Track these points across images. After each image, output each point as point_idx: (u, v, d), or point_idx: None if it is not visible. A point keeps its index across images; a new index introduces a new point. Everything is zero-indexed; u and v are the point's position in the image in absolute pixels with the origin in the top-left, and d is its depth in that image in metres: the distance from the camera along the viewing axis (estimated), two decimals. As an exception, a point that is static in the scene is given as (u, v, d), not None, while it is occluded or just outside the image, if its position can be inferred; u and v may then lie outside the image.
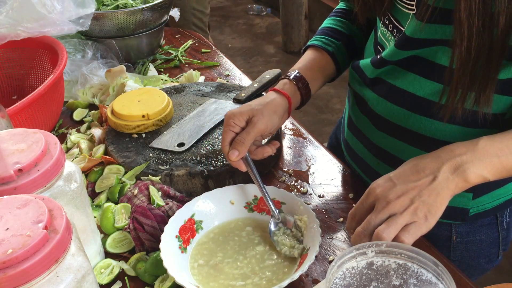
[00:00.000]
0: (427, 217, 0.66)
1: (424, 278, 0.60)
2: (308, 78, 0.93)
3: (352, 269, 0.62)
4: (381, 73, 0.85)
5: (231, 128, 0.83)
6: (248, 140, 0.82)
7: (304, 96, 0.93)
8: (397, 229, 0.66)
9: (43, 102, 1.02)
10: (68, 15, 1.14)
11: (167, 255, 0.73)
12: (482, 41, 0.67)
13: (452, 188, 0.68)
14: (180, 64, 1.43)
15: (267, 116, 0.84)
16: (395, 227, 0.65)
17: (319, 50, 0.98)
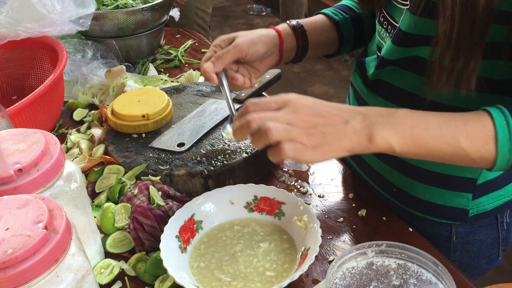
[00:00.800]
0: (316, 149, 0.65)
1: (424, 278, 0.60)
2: (307, 30, 0.95)
3: (352, 269, 0.62)
4: (381, 74, 0.85)
5: (215, 48, 0.87)
6: (226, 56, 0.85)
7: (300, 43, 0.94)
8: (285, 135, 0.64)
9: (43, 102, 1.02)
10: (68, 15, 1.14)
11: (167, 255, 0.73)
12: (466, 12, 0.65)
13: (354, 141, 0.66)
14: (180, 64, 1.43)
15: (250, 39, 0.87)
16: (285, 131, 0.64)
17: (326, 16, 1.00)
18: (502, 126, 0.65)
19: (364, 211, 0.87)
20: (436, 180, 0.84)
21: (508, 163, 0.66)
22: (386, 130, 0.66)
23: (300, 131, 0.65)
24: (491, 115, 0.66)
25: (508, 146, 0.65)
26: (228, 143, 0.94)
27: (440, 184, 0.84)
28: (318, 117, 0.66)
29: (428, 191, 0.86)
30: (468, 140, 0.65)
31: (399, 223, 0.85)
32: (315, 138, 0.65)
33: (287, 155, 0.64)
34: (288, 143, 0.64)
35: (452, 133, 0.66)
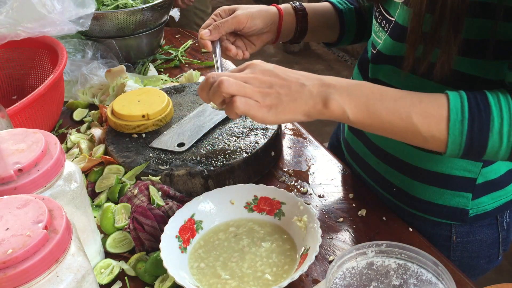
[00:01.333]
0: (270, 108, 0.67)
1: (424, 278, 0.60)
2: (309, 13, 0.96)
3: (352, 269, 0.62)
4: (378, 73, 0.85)
5: (215, 17, 0.90)
6: (223, 26, 0.88)
7: (299, 25, 0.96)
8: (238, 89, 0.67)
9: (43, 102, 1.02)
10: (68, 15, 1.14)
11: (167, 255, 0.73)
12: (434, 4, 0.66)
13: (309, 104, 0.67)
14: (180, 64, 1.43)
15: (249, 13, 0.90)
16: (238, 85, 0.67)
17: (331, 3, 1.02)
18: (456, 107, 0.65)
19: (364, 211, 0.87)
20: (436, 180, 0.84)
21: (460, 147, 0.66)
22: (342, 97, 0.67)
23: (254, 89, 0.67)
24: (448, 97, 0.66)
25: (459, 128, 0.65)
26: (228, 143, 0.94)
27: (439, 183, 0.84)
28: (275, 78, 0.68)
29: (427, 191, 0.86)
30: (421, 117, 0.66)
31: (399, 223, 0.85)
32: (269, 98, 0.67)
33: (239, 109, 0.67)
34: (241, 98, 0.67)
35: (405, 108, 0.66)
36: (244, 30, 0.91)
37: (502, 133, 0.65)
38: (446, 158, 0.82)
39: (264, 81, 0.68)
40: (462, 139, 0.66)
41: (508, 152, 0.66)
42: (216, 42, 0.89)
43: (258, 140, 0.95)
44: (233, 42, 0.94)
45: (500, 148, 0.66)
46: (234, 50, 0.92)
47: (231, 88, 0.67)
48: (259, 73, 0.69)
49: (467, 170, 0.82)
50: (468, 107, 0.65)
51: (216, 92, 0.68)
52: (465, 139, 0.65)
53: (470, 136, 0.65)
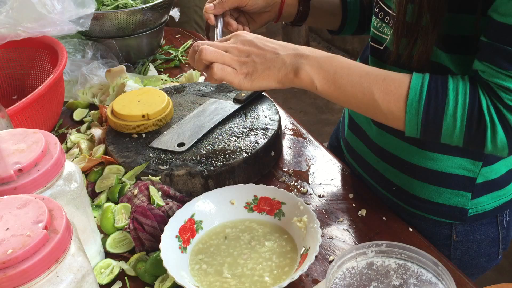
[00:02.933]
0: (246, 75, 0.74)
1: (424, 278, 0.60)
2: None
3: (352, 269, 0.62)
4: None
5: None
6: (227, 2, 0.94)
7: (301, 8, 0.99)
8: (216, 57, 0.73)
9: (43, 102, 1.02)
10: (68, 15, 1.14)
11: (167, 255, 0.73)
12: None
13: (282, 72, 0.73)
14: (180, 64, 1.43)
15: None
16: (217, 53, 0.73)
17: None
18: (415, 87, 0.68)
19: (364, 211, 0.87)
20: (435, 179, 0.84)
21: (417, 127, 0.69)
22: (312, 68, 0.72)
23: (233, 57, 0.74)
24: (411, 77, 0.69)
25: (415, 108, 0.68)
26: (228, 143, 0.94)
27: (439, 182, 0.84)
28: (253, 48, 0.74)
29: (427, 190, 0.86)
30: (382, 93, 0.70)
31: (399, 223, 0.85)
32: (245, 66, 0.74)
33: (216, 75, 0.73)
34: (218, 65, 0.73)
35: (369, 83, 0.70)
36: (246, 7, 0.96)
37: (456, 116, 0.67)
38: (446, 157, 0.82)
39: (243, 50, 0.74)
40: (418, 119, 0.68)
41: (462, 137, 0.68)
42: (219, 17, 0.95)
43: (258, 140, 0.95)
44: (237, 18, 0.99)
45: (453, 131, 0.68)
46: (235, 25, 0.96)
47: (209, 55, 0.73)
48: (239, 43, 0.75)
49: (467, 169, 0.82)
50: (427, 88, 0.68)
51: (198, 59, 0.75)
52: (421, 119, 0.68)
53: (425, 117, 0.68)
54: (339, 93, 0.72)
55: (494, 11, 0.64)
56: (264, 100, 1.08)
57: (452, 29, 0.71)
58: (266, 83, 0.74)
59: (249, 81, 0.73)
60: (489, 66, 0.66)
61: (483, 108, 0.66)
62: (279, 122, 1.00)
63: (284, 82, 0.73)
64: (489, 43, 0.66)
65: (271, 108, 1.05)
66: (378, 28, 0.85)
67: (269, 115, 1.02)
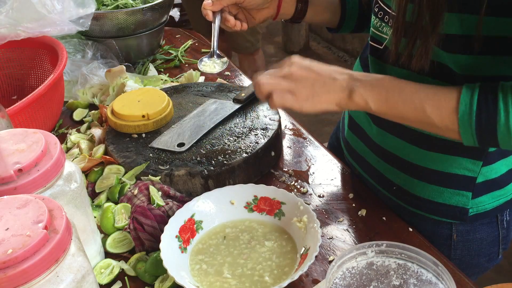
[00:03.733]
0: (307, 99, 0.76)
1: (424, 278, 0.60)
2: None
3: (352, 269, 0.62)
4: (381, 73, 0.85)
5: None
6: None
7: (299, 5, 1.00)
8: (274, 87, 0.76)
9: (43, 102, 1.02)
10: (68, 15, 1.14)
11: (167, 255, 0.73)
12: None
13: (338, 96, 0.75)
14: (180, 64, 1.43)
15: None
16: (273, 84, 0.76)
17: None
18: (465, 100, 0.69)
19: (364, 211, 0.87)
20: (436, 178, 0.84)
21: (473, 138, 0.70)
22: (366, 89, 0.74)
23: (291, 83, 0.76)
24: (461, 89, 0.70)
25: (467, 120, 0.69)
26: (228, 143, 0.94)
27: (439, 182, 0.84)
28: (311, 73, 0.76)
29: (427, 189, 0.86)
30: (434, 109, 0.71)
31: (399, 223, 0.85)
32: (305, 90, 0.76)
33: (276, 103, 0.76)
34: (277, 93, 0.76)
35: (420, 100, 0.72)
36: (244, 3, 0.96)
37: (509, 125, 0.67)
38: (446, 157, 0.82)
39: (301, 75, 0.76)
40: (472, 131, 0.69)
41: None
42: (217, 13, 0.95)
43: (258, 140, 0.95)
44: (235, 14, 0.99)
45: (510, 139, 0.68)
46: (232, 21, 0.97)
47: (267, 87, 0.77)
48: (296, 69, 0.77)
49: (467, 169, 0.82)
50: (477, 100, 0.68)
51: (258, 92, 0.79)
52: (475, 130, 0.69)
53: (479, 128, 0.68)
54: (393, 111, 0.74)
55: None
56: (264, 100, 1.08)
57: (453, 28, 0.71)
58: (326, 106, 0.76)
59: (310, 104, 0.75)
60: None
61: None
62: (279, 122, 1.01)
63: (341, 105, 0.75)
64: None
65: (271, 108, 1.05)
66: (377, 28, 0.85)
67: (269, 115, 1.02)
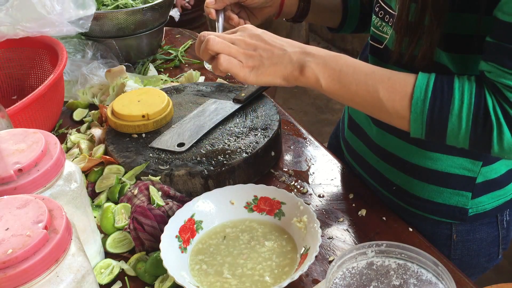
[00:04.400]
0: (252, 69, 0.73)
1: (424, 278, 0.60)
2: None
3: (352, 269, 0.62)
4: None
5: None
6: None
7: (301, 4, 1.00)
8: (222, 48, 0.73)
9: (43, 102, 1.02)
10: (68, 16, 1.14)
11: (167, 255, 0.73)
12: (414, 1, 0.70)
13: (288, 69, 0.72)
14: (180, 64, 1.43)
15: None
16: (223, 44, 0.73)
17: None
18: (420, 86, 0.68)
19: (364, 211, 0.87)
20: (435, 178, 0.84)
21: (422, 127, 0.68)
22: (318, 66, 0.71)
23: (239, 49, 0.73)
24: (417, 76, 0.69)
25: (420, 107, 0.67)
26: (228, 143, 0.94)
27: (439, 182, 0.84)
28: (261, 42, 0.74)
29: (427, 189, 0.86)
30: (387, 92, 0.69)
31: (399, 223, 0.85)
32: (252, 60, 0.73)
33: (222, 66, 0.73)
34: (225, 56, 0.73)
35: (374, 82, 0.70)
36: (247, 2, 0.96)
37: (461, 117, 0.66)
38: (446, 157, 0.82)
39: (250, 43, 0.73)
40: (423, 118, 0.68)
41: (467, 138, 0.67)
42: (220, 12, 0.96)
43: (258, 140, 0.95)
44: (238, 13, 0.99)
45: (459, 132, 0.67)
46: (236, 19, 0.97)
47: (216, 46, 0.73)
48: (247, 36, 0.74)
49: (467, 169, 0.82)
50: (433, 87, 0.67)
51: (204, 49, 0.74)
52: (426, 118, 0.67)
53: (430, 116, 0.67)
54: (344, 91, 0.72)
55: (499, 10, 0.64)
56: (264, 100, 1.08)
57: (453, 28, 0.70)
58: (272, 79, 0.73)
59: (254, 75, 0.73)
60: (495, 66, 0.65)
61: (489, 108, 0.65)
62: (279, 122, 1.01)
63: (289, 79, 0.73)
64: (494, 43, 0.65)
65: (271, 108, 1.05)
66: (378, 27, 0.85)
67: (269, 115, 1.02)
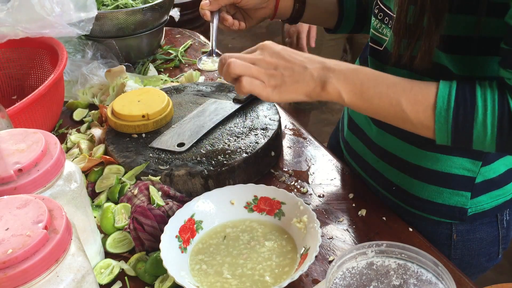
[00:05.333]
0: (274, 88, 0.73)
1: (424, 278, 0.60)
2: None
3: (352, 269, 0.62)
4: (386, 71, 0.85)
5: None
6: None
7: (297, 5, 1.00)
8: (244, 70, 0.73)
9: (43, 102, 1.02)
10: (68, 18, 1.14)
11: (167, 255, 0.73)
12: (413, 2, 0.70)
13: (310, 86, 0.72)
14: (180, 64, 1.43)
15: None
16: (244, 67, 0.73)
17: None
18: (443, 96, 0.68)
19: (364, 211, 0.87)
20: (435, 178, 0.84)
21: (447, 135, 0.68)
22: (339, 81, 0.71)
23: (260, 70, 0.73)
24: (438, 85, 0.69)
25: (444, 116, 0.67)
26: (228, 143, 0.94)
27: (438, 182, 0.84)
28: (281, 60, 0.73)
29: (426, 189, 0.86)
30: (410, 103, 0.69)
31: (399, 223, 0.85)
32: (274, 79, 0.73)
33: (245, 88, 0.73)
34: (247, 78, 0.73)
35: (396, 94, 0.70)
36: (242, 3, 0.96)
37: (486, 124, 0.66)
38: (445, 157, 0.82)
39: (271, 62, 0.73)
40: (448, 127, 0.68)
41: (494, 143, 0.68)
42: (215, 13, 0.96)
43: (258, 140, 0.95)
44: (233, 14, 0.99)
45: (485, 138, 0.67)
46: (230, 20, 0.97)
47: (237, 69, 0.73)
48: (267, 55, 0.74)
49: (466, 169, 0.82)
50: (455, 96, 0.67)
51: (226, 72, 0.75)
52: (451, 127, 0.68)
53: (455, 125, 0.67)
54: (367, 105, 0.72)
55: (510, 17, 0.64)
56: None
57: (452, 29, 0.71)
58: (295, 96, 0.73)
59: (277, 94, 0.73)
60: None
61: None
62: (279, 122, 1.01)
63: (312, 95, 0.73)
64: (510, 50, 0.65)
65: (271, 108, 1.05)
66: (377, 29, 0.85)
67: (269, 115, 1.02)
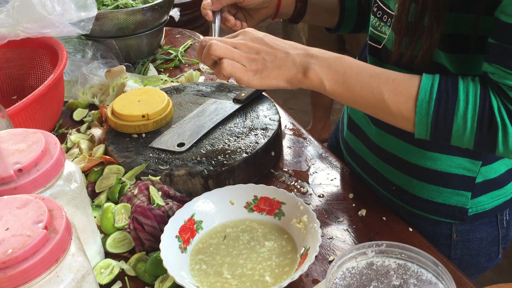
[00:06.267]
0: (256, 73, 0.72)
1: (424, 278, 0.60)
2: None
3: (352, 269, 0.62)
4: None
5: None
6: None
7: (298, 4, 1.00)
8: (225, 52, 0.72)
9: (43, 102, 1.02)
10: (69, 17, 1.14)
11: (167, 255, 0.73)
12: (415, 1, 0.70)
13: (292, 72, 0.72)
14: (180, 64, 1.43)
15: None
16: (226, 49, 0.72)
17: None
18: (425, 88, 0.67)
19: (364, 211, 0.87)
20: (435, 178, 0.84)
21: (427, 128, 0.68)
22: (322, 68, 0.71)
23: (242, 54, 0.72)
24: (421, 77, 0.69)
25: (425, 108, 0.67)
26: (228, 143, 0.95)
27: (438, 182, 0.84)
28: (263, 45, 0.73)
29: (426, 189, 0.86)
30: (391, 94, 0.69)
31: (399, 223, 0.85)
32: (255, 63, 0.72)
33: (225, 71, 0.72)
34: (228, 61, 0.72)
35: (378, 84, 0.70)
36: (244, 3, 0.96)
37: (466, 117, 0.66)
38: (445, 157, 0.82)
39: (252, 47, 0.73)
40: (428, 120, 0.68)
41: (472, 139, 0.68)
42: (217, 13, 0.95)
43: (258, 140, 0.95)
44: (235, 14, 0.99)
45: (464, 133, 0.67)
46: (232, 20, 0.97)
47: (219, 51, 0.72)
48: (249, 40, 0.74)
49: (467, 169, 0.82)
50: (437, 89, 0.67)
51: (206, 54, 0.73)
52: (431, 119, 0.67)
53: (435, 117, 0.67)
54: (348, 93, 0.71)
55: (501, 12, 0.64)
56: (264, 100, 1.08)
57: (451, 28, 0.71)
58: (276, 82, 0.72)
59: (258, 79, 0.72)
60: (499, 68, 0.65)
61: (494, 109, 0.65)
62: (279, 122, 1.01)
63: (293, 82, 0.72)
64: (497, 45, 0.65)
65: (271, 108, 1.05)
66: (376, 28, 0.85)
67: (269, 115, 1.02)
